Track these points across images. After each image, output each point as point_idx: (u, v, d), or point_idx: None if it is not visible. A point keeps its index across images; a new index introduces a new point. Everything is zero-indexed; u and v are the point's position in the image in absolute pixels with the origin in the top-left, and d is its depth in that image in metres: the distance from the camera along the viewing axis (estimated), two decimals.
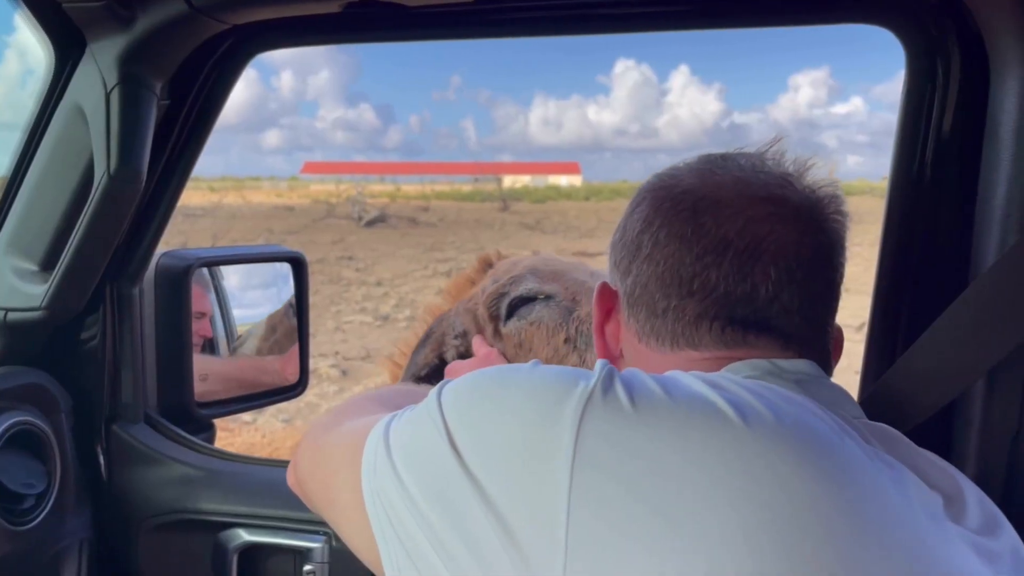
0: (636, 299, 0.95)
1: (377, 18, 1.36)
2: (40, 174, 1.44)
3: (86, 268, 1.43)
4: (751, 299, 0.89)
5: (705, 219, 0.90)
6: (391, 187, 65.51)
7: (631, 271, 0.96)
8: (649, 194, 0.99)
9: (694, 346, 0.91)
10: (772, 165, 0.96)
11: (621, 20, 1.36)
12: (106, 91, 1.32)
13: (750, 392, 0.76)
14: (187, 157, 1.52)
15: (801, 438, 0.72)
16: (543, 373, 0.79)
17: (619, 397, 0.73)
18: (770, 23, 1.30)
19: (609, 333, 1.02)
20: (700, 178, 0.95)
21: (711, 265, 0.89)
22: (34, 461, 1.47)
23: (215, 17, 1.30)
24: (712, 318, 0.90)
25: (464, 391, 0.82)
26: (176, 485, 1.58)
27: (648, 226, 0.94)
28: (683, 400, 0.74)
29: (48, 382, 1.52)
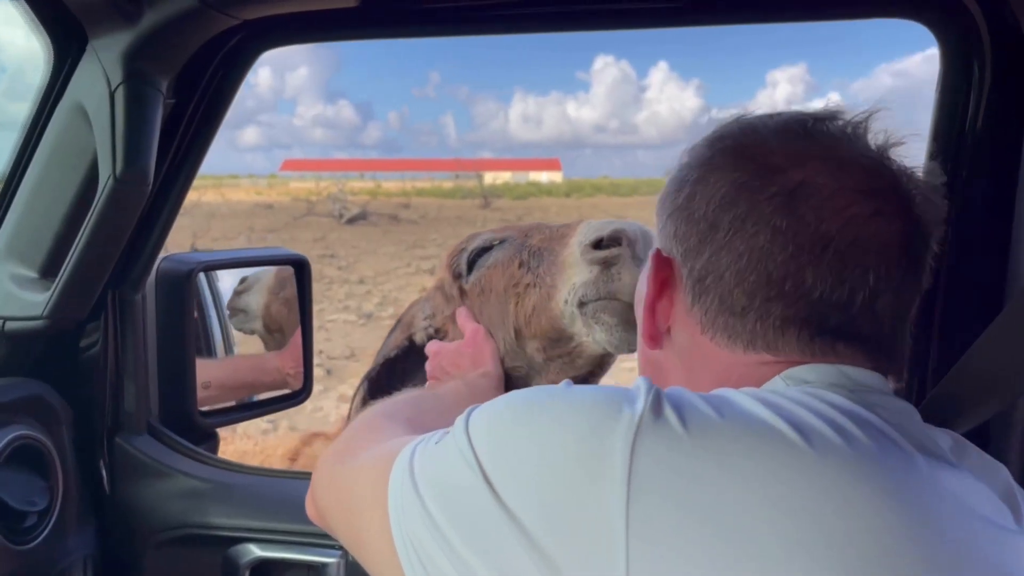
0: (706, 287, 0.85)
1: (393, 14, 1.31)
2: (39, 176, 1.37)
3: (90, 275, 1.37)
4: (847, 306, 0.80)
5: (804, 210, 0.79)
6: (371, 184, 65.24)
7: (701, 252, 0.85)
8: (728, 159, 0.85)
9: (773, 351, 0.82)
10: (869, 141, 0.85)
11: (650, 16, 1.32)
12: (110, 89, 1.26)
13: (809, 410, 0.72)
14: (193, 157, 1.46)
15: (866, 460, 0.69)
16: (582, 397, 0.74)
17: (671, 422, 0.68)
18: (805, 18, 1.27)
19: (660, 312, 0.91)
20: (793, 155, 0.83)
21: (807, 265, 0.79)
22: (35, 476, 1.41)
23: (226, 12, 1.24)
24: (801, 325, 0.81)
25: (495, 419, 0.77)
26: (183, 498, 1.53)
27: (730, 205, 0.82)
28: (740, 422, 0.69)
29: (48, 393, 1.46)
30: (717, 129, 0.92)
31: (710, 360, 0.87)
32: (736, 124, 0.90)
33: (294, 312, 1.90)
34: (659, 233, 0.92)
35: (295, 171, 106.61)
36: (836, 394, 0.77)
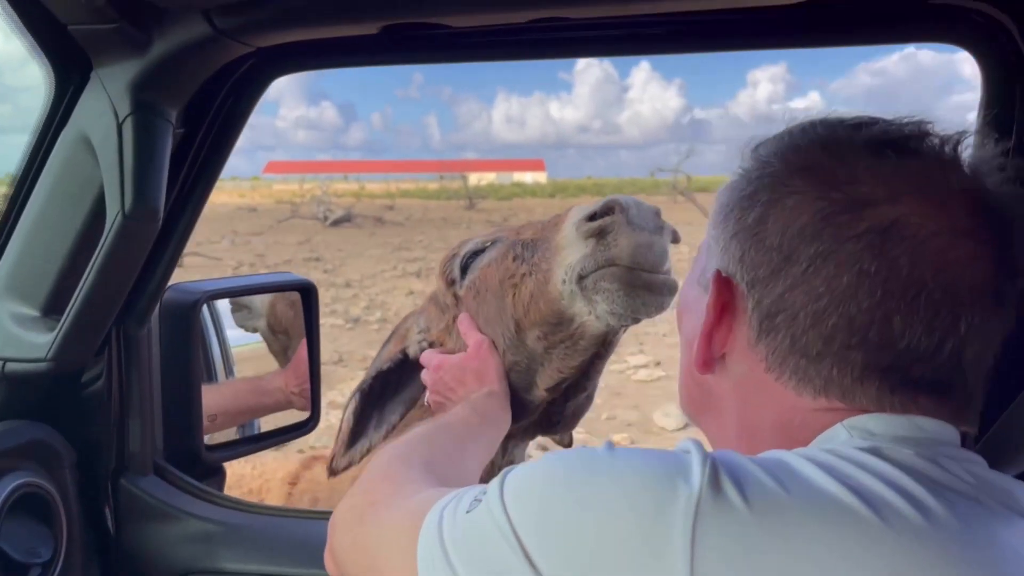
0: (776, 324, 0.78)
1: (415, 39, 1.26)
2: (41, 210, 1.30)
3: (97, 315, 1.31)
4: (933, 356, 0.73)
5: (897, 253, 0.72)
6: (355, 186, 65.09)
7: (772, 285, 0.77)
8: (810, 183, 0.77)
9: (847, 400, 0.76)
10: (964, 167, 0.77)
11: (672, 40, 1.28)
12: (118, 121, 1.19)
13: (877, 477, 0.67)
14: (201, 188, 1.40)
15: (944, 533, 0.65)
16: (630, 467, 0.68)
17: (732, 499, 0.64)
18: (838, 43, 1.23)
19: (717, 338, 0.84)
20: (885, 185, 0.74)
21: (895, 312, 0.72)
22: (39, 524, 1.34)
23: (240, 40, 1.18)
24: (883, 375, 0.74)
25: (534, 492, 0.72)
26: (193, 542, 1.46)
27: (811, 238, 0.75)
28: (806, 498, 0.65)
29: (51, 436, 1.39)
30: (791, 138, 0.84)
31: (772, 399, 0.81)
32: (813, 133, 0.82)
33: (300, 317, 1.84)
34: (719, 250, 0.85)
35: (278, 173, 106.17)
36: (904, 451, 0.71)
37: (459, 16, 1.14)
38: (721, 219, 0.85)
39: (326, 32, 1.20)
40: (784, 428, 0.79)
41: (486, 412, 1.31)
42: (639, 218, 1.23)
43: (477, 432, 1.26)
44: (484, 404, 1.32)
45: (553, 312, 1.31)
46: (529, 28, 1.22)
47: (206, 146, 1.37)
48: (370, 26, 1.16)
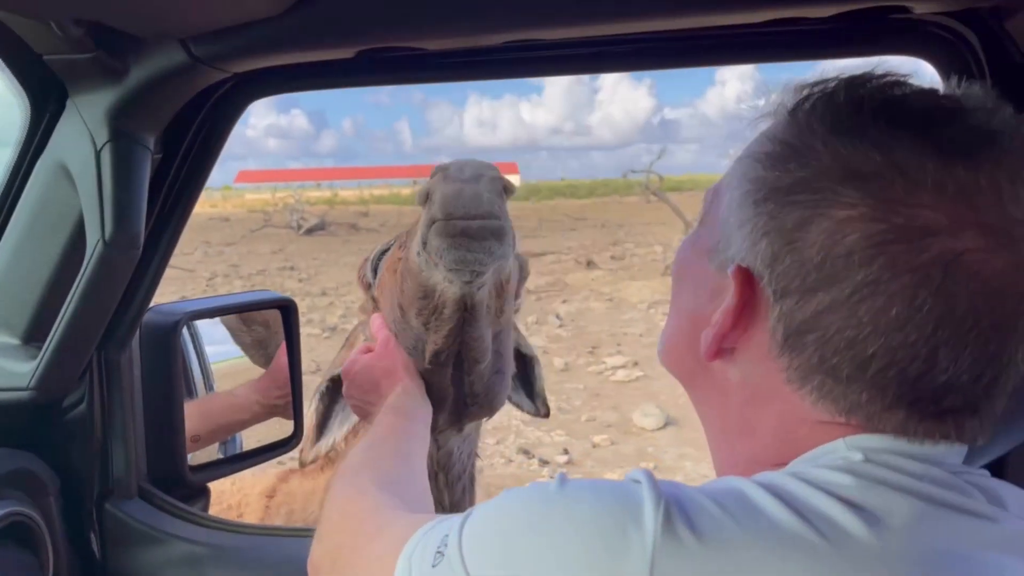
0: (805, 343, 0.71)
1: (391, 61, 1.27)
2: (20, 239, 1.30)
3: (79, 342, 1.30)
4: (970, 386, 0.68)
5: (956, 289, 0.65)
6: (328, 193, 64.68)
7: (806, 301, 0.69)
8: (866, 198, 0.67)
9: (870, 424, 0.71)
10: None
11: (644, 56, 1.31)
12: (95, 149, 1.19)
13: (835, 499, 0.66)
14: (180, 212, 1.40)
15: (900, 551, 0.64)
16: (580, 511, 0.68)
17: (686, 542, 0.63)
18: (804, 57, 1.26)
19: (732, 335, 0.77)
20: (949, 209, 0.66)
21: (941, 345, 0.66)
22: (25, 553, 1.33)
23: (217, 66, 1.19)
24: (912, 406, 0.70)
25: (491, 544, 0.72)
26: (179, 565, 1.46)
27: (860, 264, 0.67)
28: (757, 530, 0.64)
29: (34, 464, 1.38)
30: (833, 111, 0.73)
31: (783, 406, 0.75)
32: (868, 115, 0.71)
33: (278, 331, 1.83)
34: (742, 240, 0.75)
35: (250, 183, 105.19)
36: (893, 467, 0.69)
37: (434, 40, 1.15)
38: (750, 204, 0.75)
39: (302, 57, 1.21)
40: (786, 435, 0.76)
41: (407, 410, 1.32)
42: (455, 171, 1.24)
43: (408, 433, 1.28)
44: (402, 403, 1.33)
45: (418, 286, 1.33)
46: (504, 48, 1.24)
47: (184, 170, 1.37)
48: (346, 51, 1.18)
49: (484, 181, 1.24)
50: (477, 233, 1.22)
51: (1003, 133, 0.69)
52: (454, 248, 1.23)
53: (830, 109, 0.73)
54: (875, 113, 0.71)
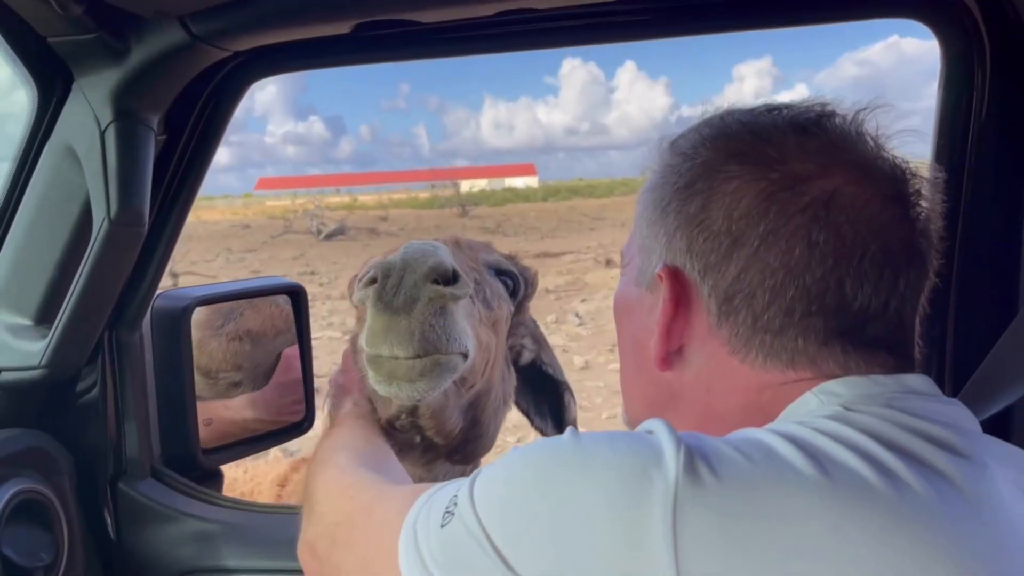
0: (736, 307, 0.80)
1: (388, 38, 1.28)
2: (30, 221, 1.33)
3: (87, 320, 1.33)
4: (883, 314, 0.78)
5: (840, 221, 0.76)
6: (347, 199, 65.06)
7: (726, 268, 0.80)
8: (746, 166, 0.81)
9: (813, 367, 0.79)
10: (869, 138, 0.83)
11: (639, 26, 1.31)
12: (100, 130, 1.22)
13: (845, 446, 0.68)
14: (186, 192, 1.42)
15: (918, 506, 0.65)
16: (601, 459, 0.68)
17: (708, 483, 0.64)
18: (804, 21, 1.25)
19: (675, 332, 0.85)
20: (816, 161, 0.79)
21: (845, 276, 0.76)
22: (40, 530, 1.36)
23: (216, 44, 1.21)
24: (843, 338, 0.78)
25: (505, 496, 0.72)
26: (193, 542, 1.48)
27: (758, 218, 0.78)
28: (776, 471, 0.66)
29: (47, 443, 1.41)
30: (710, 127, 0.88)
31: (739, 381, 0.82)
32: (736, 123, 0.86)
33: (258, 347, 1.82)
34: (661, 246, 0.86)
35: (270, 189, 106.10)
36: (870, 417, 0.73)
37: (428, 11, 1.17)
38: (658, 216, 0.87)
39: (300, 33, 1.22)
40: (754, 407, 0.81)
41: (362, 413, 1.28)
42: (387, 293, 1.10)
43: (373, 427, 1.26)
44: (348, 425, 1.27)
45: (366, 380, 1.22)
46: (498, 22, 1.25)
47: (189, 151, 1.39)
48: (343, 25, 1.19)
49: (418, 307, 1.10)
50: (407, 375, 1.11)
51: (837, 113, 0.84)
52: (384, 383, 1.14)
53: (703, 131, 0.88)
54: (733, 115, 0.88)
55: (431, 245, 1.16)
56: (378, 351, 1.11)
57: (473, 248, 1.44)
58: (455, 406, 1.29)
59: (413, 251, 1.12)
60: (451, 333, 1.13)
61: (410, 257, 1.11)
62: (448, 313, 1.13)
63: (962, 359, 1.24)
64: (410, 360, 1.10)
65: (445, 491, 0.79)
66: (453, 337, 1.13)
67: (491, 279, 1.40)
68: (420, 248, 1.13)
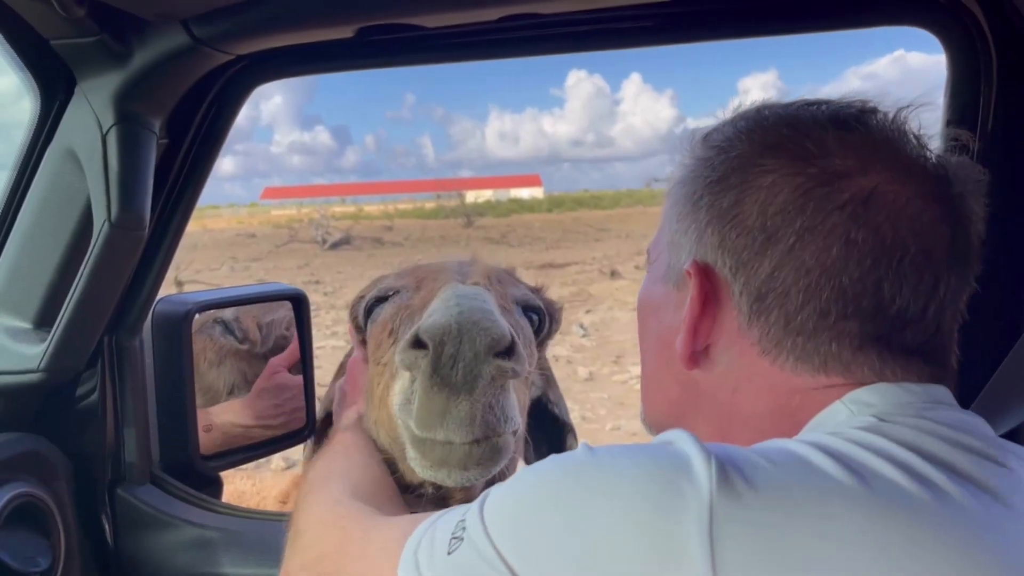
0: (768, 305, 0.77)
1: (391, 42, 1.28)
2: (31, 224, 1.32)
3: (87, 324, 1.33)
4: (922, 319, 0.75)
5: (880, 220, 0.73)
6: (353, 208, 65.24)
7: (759, 265, 0.77)
8: (783, 160, 0.78)
9: (847, 373, 0.76)
10: (912, 137, 0.80)
11: (643, 32, 1.31)
12: (102, 133, 1.22)
13: (882, 457, 0.66)
14: (188, 197, 1.42)
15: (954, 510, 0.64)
16: (621, 474, 0.65)
17: (746, 497, 0.62)
18: (808, 29, 1.25)
19: (702, 329, 0.82)
20: (856, 157, 0.76)
21: (883, 278, 0.73)
22: (37, 535, 1.35)
23: (219, 48, 1.21)
24: (879, 343, 0.75)
25: (520, 517, 0.68)
26: (191, 549, 1.47)
27: (796, 213, 0.75)
28: (816, 485, 0.64)
29: (45, 447, 1.40)
30: (747, 120, 0.85)
31: (768, 383, 0.79)
32: (773, 116, 0.83)
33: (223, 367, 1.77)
34: (691, 242, 0.83)
35: (276, 199, 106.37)
36: (904, 427, 0.71)
37: (430, 16, 1.16)
38: (689, 210, 0.84)
39: (302, 37, 1.22)
40: (783, 412, 0.78)
41: (350, 446, 1.20)
42: (444, 366, 0.96)
43: (369, 447, 1.19)
44: (347, 435, 1.23)
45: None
46: (501, 27, 1.25)
47: (191, 155, 1.39)
48: (346, 29, 1.19)
49: (480, 387, 0.97)
50: (462, 462, 0.99)
51: (878, 110, 0.81)
52: (434, 469, 1.02)
53: (739, 124, 0.85)
54: (771, 108, 0.85)
55: (483, 301, 1.01)
56: (431, 435, 0.98)
57: (502, 282, 1.30)
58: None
59: (469, 311, 0.97)
60: (508, 412, 1.00)
61: (467, 321, 0.96)
62: (507, 390, 1.00)
63: (970, 368, 1.23)
64: (467, 446, 0.98)
65: (449, 517, 0.76)
66: (509, 416, 1.01)
67: (521, 320, 1.26)
68: (475, 307, 0.98)
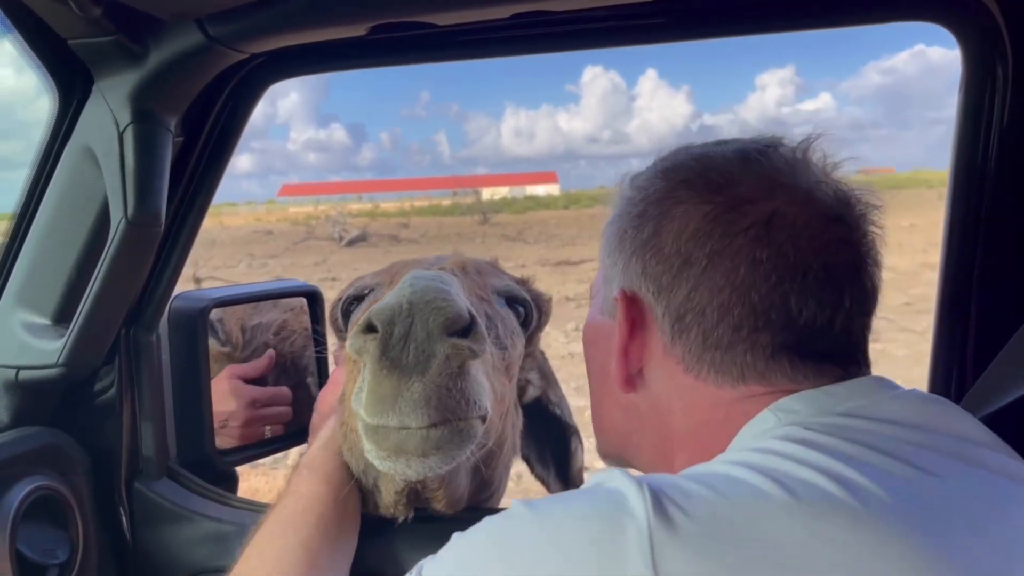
0: (687, 325, 0.84)
1: (404, 40, 1.29)
2: (49, 222, 1.34)
3: (104, 320, 1.34)
4: (828, 329, 0.82)
5: (781, 240, 0.81)
6: (369, 206, 65.44)
7: (677, 288, 0.85)
8: (693, 192, 0.86)
9: (764, 381, 0.82)
10: (816, 165, 0.88)
11: (657, 29, 1.30)
12: (119, 131, 1.23)
13: (812, 469, 0.69)
14: (204, 194, 1.43)
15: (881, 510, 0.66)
16: (560, 522, 0.67)
17: (680, 522, 0.64)
18: (823, 24, 1.24)
19: (633, 354, 0.90)
20: (760, 185, 0.84)
21: (790, 292, 0.80)
22: (55, 528, 1.37)
23: (233, 47, 1.22)
24: (791, 352, 0.82)
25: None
26: (207, 542, 1.48)
27: (704, 239, 0.83)
28: (749, 501, 0.66)
29: (64, 441, 1.42)
30: (664, 161, 0.93)
31: (695, 398, 0.86)
32: (687, 155, 0.92)
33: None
34: (619, 272, 0.91)
35: (293, 196, 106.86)
36: (830, 436, 0.74)
37: (443, 14, 1.17)
38: (615, 245, 0.92)
39: (315, 35, 1.23)
40: (711, 425, 0.84)
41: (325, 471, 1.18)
42: (394, 347, 0.92)
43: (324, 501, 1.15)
44: (321, 461, 1.20)
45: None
46: (513, 24, 1.25)
47: (206, 153, 1.41)
48: (358, 27, 1.20)
49: (434, 367, 0.92)
50: (419, 448, 0.94)
51: (784, 144, 0.90)
52: (390, 459, 0.97)
53: (657, 165, 0.94)
54: (685, 149, 0.94)
55: (440, 281, 0.97)
56: (383, 420, 0.93)
57: (482, 272, 1.26)
58: (464, 471, 1.14)
59: (422, 291, 0.93)
60: (469, 394, 0.95)
61: (419, 300, 0.92)
62: (466, 372, 0.95)
63: (983, 365, 1.23)
64: (423, 430, 0.93)
65: None
66: (471, 399, 0.95)
67: (503, 310, 1.24)
68: (430, 287, 0.94)
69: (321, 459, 1.19)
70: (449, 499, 1.14)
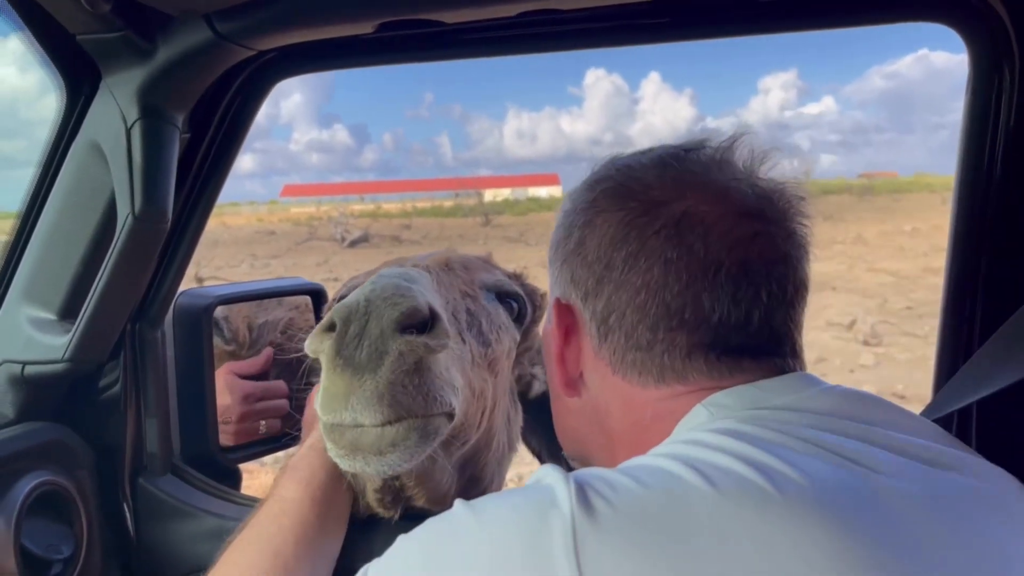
0: (611, 327, 0.87)
1: (410, 38, 1.29)
2: (56, 217, 1.35)
3: (110, 316, 1.34)
4: (745, 325, 0.82)
5: (692, 239, 0.83)
6: (372, 206, 65.47)
7: (600, 293, 0.87)
8: (611, 200, 0.89)
9: (683, 380, 0.84)
10: (737, 163, 0.89)
11: (664, 28, 1.30)
12: (126, 127, 1.23)
13: (734, 457, 0.70)
14: (210, 190, 1.43)
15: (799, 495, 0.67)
16: (493, 516, 0.69)
17: (602, 510, 0.66)
18: (828, 25, 1.24)
19: (570, 359, 0.93)
20: (672, 187, 0.86)
21: (702, 291, 0.82)
22: (59, 523, 1.38)
23: (241, 43, 1.22)
24: (707, 350, 0.83)
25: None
26: (211, 539, 1.48)
27: (621, 243, 0.86)
28: (666, 489, 0.68)
29: (69, 437, 1.43)
30: (595, 173, 0.96)
31: (623, 398, 0.88)
32: (612, 166, 0.94)
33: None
34: (555, 281, 0.95)
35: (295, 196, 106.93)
36: (755, 426, 0.75)
37: (450, 12, 1.17)
38: (551, 256, 0.96)
39: (323, 33, 1.23)
40: (641, 424, 0.86)
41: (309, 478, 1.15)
42: (347, 346, 0.90)
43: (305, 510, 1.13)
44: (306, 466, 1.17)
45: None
46: (520, 23, 1.25)
47: (213, 150, 1.41)
48: (365, 24, 1.20)
49: (386, 364, 0.90)
50: (375, 446, 0.92)
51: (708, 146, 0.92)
52: (347, 457, 0.95)
53: (587, 178, 0.97)
54: (613, 160, 0.97)
55: (404, 277, 0.96)
56: (338, 418, 0.91)
57: (469, 268, 1.25)
58: (446, 467, 1.12)
59: (381, 288, 0.92)
60: (430, 391, 0.93)
61: (377, 297, 0.91)
62: (425, 368, 0.93)
63: None
64: (377, 428, 0.91)
65: None
66: (432, 395, 0.94)
67: (490, 305, 1.22)
68: (390, 284, 0.93)
69: (307, 460, 1.17)
70: (430, 497, 1.12)
